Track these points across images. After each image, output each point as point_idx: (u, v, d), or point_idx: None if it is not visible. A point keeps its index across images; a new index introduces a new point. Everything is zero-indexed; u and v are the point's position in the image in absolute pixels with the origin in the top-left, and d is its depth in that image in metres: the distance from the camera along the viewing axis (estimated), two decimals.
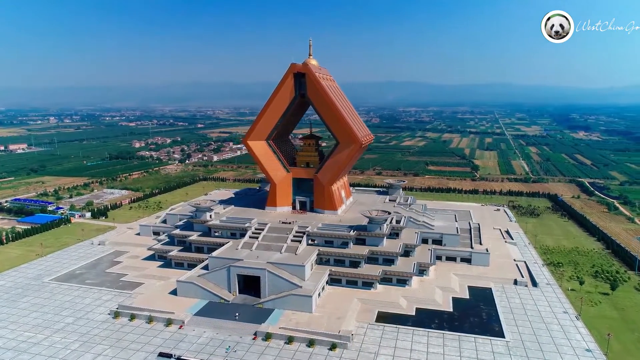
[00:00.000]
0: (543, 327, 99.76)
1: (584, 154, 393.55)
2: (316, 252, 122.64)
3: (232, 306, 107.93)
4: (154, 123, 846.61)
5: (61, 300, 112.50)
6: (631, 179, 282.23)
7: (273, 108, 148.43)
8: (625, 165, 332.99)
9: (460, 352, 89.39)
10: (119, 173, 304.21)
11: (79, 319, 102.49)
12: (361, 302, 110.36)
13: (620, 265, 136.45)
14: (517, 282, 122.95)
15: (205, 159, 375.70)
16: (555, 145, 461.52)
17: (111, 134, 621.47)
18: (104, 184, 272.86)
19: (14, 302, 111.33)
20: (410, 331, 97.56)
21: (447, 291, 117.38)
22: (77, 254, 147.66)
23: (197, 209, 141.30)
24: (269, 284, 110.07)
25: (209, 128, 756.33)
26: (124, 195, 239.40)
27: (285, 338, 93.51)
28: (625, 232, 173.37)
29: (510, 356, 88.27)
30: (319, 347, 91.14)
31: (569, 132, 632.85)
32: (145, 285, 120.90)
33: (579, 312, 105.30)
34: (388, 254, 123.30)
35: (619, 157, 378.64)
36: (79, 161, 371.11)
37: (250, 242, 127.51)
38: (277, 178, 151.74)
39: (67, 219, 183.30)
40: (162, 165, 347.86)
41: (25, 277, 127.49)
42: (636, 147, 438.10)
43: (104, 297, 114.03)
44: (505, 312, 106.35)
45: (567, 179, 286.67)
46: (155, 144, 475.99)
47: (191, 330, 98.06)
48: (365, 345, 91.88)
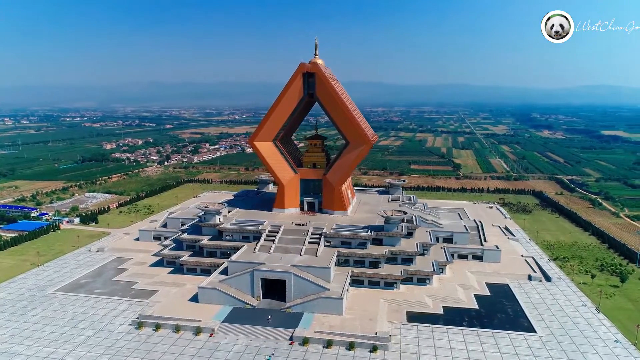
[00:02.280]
0: (568, 320, 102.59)
1: (555, 152, 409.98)
2: (336, 253, 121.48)
3: (259, 311, 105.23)
4: (120, 124, 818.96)
5: (74, 312, 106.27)
6: (605, 175, 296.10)
7: (281, 108, 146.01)
8: (596, 163, 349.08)
9: (498, 349, 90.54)
10: (97, 176, 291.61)
11: (100, 331, 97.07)
12: (387, 302, 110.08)
13: (621, 259, 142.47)
14: (531, 278, 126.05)
15: (185, 161, 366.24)
16: (526, 144, 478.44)
17: (77, 135, 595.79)
18: (84, 187, 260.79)
19: (23, 316, 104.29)
20: (444, 330, 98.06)
21: (467, 289, 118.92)
22: (77, 262, 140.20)
23: (205, 212, 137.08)
24: (294, 288, 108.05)
25: (179, 129, 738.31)
26: (109, 199, 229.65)
27: (323, 342, 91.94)
28: (614, 226, 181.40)
29: (547, 350, 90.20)
30: (359, 349, 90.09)
31: (534, 131, 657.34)
32: (160, 293, 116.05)
33: (597, 305, 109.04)
34: (408, 254, 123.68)
35: (588, 154, 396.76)
36: (49, 164, 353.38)
37: (267, 245, 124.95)
38: (285, 179, 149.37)
39: (55, 226, 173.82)
40: (141, 168, 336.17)
41: (26, 289, 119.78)
42: (600, 145, 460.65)
43: (119, 307, 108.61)
44: (529, 307, 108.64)
45: (546, 176, 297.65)
46: (127, 146, 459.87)
47: (223, 338, 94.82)
48: (405, 345, 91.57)
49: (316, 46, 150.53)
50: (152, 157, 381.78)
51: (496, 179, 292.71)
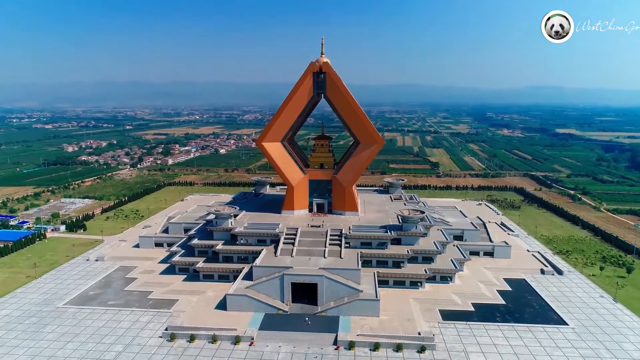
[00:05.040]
0: (592, 311, 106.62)
1: (521, 150, 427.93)
2: (358, 254, 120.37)
3: (292, 317, 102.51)
4: (75, 125, 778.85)
5: (93, 326, 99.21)
6: (574, 171, 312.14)
7: (290, 108, 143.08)
8: (562, 160, 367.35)
9: (539, 342, 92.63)
10: (69, 180, 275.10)
11: (130, 346, 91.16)
12: (417, 302, 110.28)
13: (618, 251, 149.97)
14: (544, 272, 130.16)
15: (159, 163, 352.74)
16: (492, 142, 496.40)
17: (31, 137, 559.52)
18: (57, 192, 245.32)
19: (37, 334, 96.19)
20: (481, 326, 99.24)
21: (488, 285, 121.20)
22: (77, 272, 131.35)
23: (217, 216, 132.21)
24: (326, 291, 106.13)
25: (140, 130, 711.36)
26: (89, 205, 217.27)
27: (369, 345, 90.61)
28: (599, 220, 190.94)
29: (584, 342, 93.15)
30: (406, 351, 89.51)
31: (495, 130, 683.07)
32: (181, 302, 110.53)
33: (614, 296, 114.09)
34: (428, 253, 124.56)
35: (551, 152, 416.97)
36: (9, 168, 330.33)
37: (287, 248, 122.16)
38: (294, 181, 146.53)
39: (41, 234, 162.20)
40: (113, 171, 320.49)
41: (30, 304, 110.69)
42: (560, 143, 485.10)
43: (142, 319, 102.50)
44: (552, 300, 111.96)
45: (521, 173, 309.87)
46: (91, 148, 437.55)
47: (264, 346, 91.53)
48: (450, 344, 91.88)
49: (322, 45, 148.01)
50: (122, 159, 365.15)
51: (475, 176, 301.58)
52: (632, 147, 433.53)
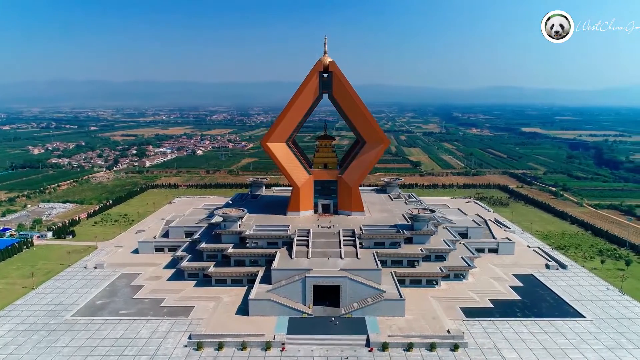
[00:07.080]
0: (603, 304, 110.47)
1: (495, 148, 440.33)
2: (374, 254, 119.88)
3: (316, 320, 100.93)
4: (35, 126, 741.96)
5: (110, 337, 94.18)
6: (549, 168, 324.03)
7: (296, 108, 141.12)
8: (535, 157, 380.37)
9: (564, 336, 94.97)
10: (43, 184, 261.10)
11: (155, 357, 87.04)
12: (437, 300, 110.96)
13: (611, 245, 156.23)
14: (549, 267, 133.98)
15: (137, 165, 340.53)
16: (465, 142, 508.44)
17: None
18: (33, 197, 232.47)
19: (50, 348, 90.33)
20: (505, 322, 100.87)
21: (499, 281, 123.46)
22: (78, 281, 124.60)
23: (225, 219, 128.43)
24: (349, 292, 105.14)
25: (106, 131, 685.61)
26: (71, 210, 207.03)
27: (403, 345, 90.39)
28: (585, 215, 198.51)
29: (604, 333, 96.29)
30: (440, 349, 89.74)
31: (464, 129, 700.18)
32: (198, 309, 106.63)
33: (620, 288, 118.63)
34: (440, 251, 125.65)
35: (523, 150, 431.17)
36: None
37: (302, 250, 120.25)
38: (300, 181, 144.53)
39: (28, 242, 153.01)
40: (89, 174, 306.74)
41: (34, 316, 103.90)
42: (529, 142, 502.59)
43: (160, 328, 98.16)
44: (564, 294, 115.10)
45: (500, 171, 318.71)
46: (58, 150, 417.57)
47: (296, 351, 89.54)
48: (480, 341, 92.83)
49: (325, 44, 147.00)
50: (96, 162, 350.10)
51: (457, 174, 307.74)
52: (596, 145, 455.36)
